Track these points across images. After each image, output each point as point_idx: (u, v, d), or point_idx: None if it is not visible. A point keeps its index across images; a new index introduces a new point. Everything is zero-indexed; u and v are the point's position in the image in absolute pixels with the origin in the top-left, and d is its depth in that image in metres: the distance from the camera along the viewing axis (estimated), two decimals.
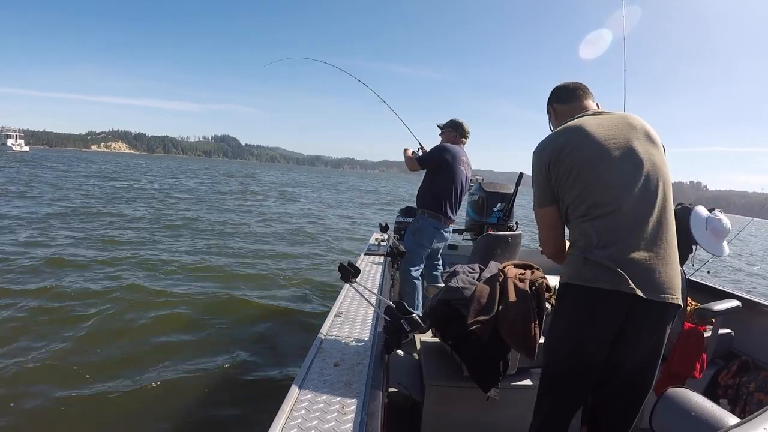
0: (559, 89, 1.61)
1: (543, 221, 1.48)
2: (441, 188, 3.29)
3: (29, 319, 3.90)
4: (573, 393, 1.37)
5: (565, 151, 1.35)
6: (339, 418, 1.12)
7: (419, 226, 3.32)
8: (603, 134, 1.34)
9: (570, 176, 1.34)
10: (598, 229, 1.28)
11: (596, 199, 1.30)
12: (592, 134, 1.34)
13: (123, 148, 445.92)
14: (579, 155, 1.33)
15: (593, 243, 1.28)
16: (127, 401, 2.83)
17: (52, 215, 9.78)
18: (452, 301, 1.93)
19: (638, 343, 1.28)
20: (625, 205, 1.28)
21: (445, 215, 3.29)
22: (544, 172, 1.40)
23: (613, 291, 1.23)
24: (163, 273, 5.80)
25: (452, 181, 3.28)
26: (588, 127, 1.36)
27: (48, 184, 17.21)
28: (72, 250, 6.60)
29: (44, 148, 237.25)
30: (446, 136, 3.45)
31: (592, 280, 1.26)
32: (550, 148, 1.39)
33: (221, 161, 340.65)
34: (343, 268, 1.64)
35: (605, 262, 1.25)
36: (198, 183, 27.41)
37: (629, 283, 1.22)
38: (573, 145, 1.35)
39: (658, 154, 1.37)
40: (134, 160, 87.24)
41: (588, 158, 1.32)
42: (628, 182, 1.30)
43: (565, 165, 1.34)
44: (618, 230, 1.27)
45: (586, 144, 1.33)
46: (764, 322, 2.54)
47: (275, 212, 14.65)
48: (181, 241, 8.19)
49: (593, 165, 1.32)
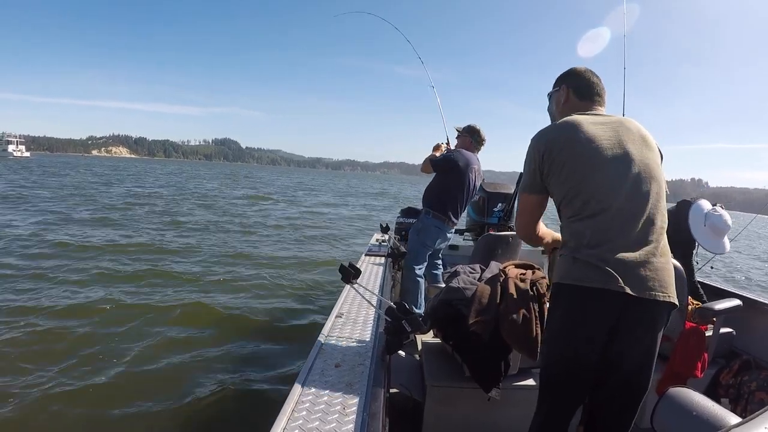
0: (580, 79, 1.52)
1: (525, 207, 1.50)
2: (448, 192, 3.31)
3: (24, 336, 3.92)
4: (570, 393, 1.37)
5: (558, 145, 1.35)
6: (340, 419, 1.12)
7: (423, 226, 3.34)
8: (598, 134, 1.34)
9: (562, 171, 1.34)
10: (589, 229, 1.29)
11: (587, 197, 1.30)
12: (587, 133, 1.34)
13: (124, 153, 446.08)
14: (572, 151, 1.33)
15: (583, 243, 1.29)
16: (126, 401, 2.83)
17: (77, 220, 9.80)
18: (453, 302, 1.93)
19: (632, 342, 1.28)
20: (616, 205, 1.28)
21: (449, 218, 3.32)
22: (537, 160, 1.40)
23: (603, 290, 1.23)
24: (168, 279, 5.81)
25: (460, 187, 3.31)
26: (584, 125, 1.36)
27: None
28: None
29: (45, 154, 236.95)
30: (461, 141, 3.46)
31: (582, 279, 1.27)
32: (546, 139, 1.39)
33: (222, 164, 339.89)
34: (344, 269, 1.65)
35: (594, 261, 1.25)
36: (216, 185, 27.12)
37: (619, 281, 1.22)
38: (567, 141, 1.35)
39: (653, 156, 1.37)
40: (143, 164, 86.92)
41: (581, 155, 1.33)
42: (619, 182, 1.30)
43: (558, 159, 1.35)
44: (608, 230, 1.27)
45: (580, 141, 1.33)
46: (765, 322, 2.54)
47: (283, 216, 14.61)
48: (186, 239, 8.21)
49: (585, 163, 1.32)
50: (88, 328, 3.87)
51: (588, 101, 1.49)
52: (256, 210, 15.76)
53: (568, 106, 1.51)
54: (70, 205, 12.70)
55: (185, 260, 6.77)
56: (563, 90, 1.53)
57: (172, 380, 3.13)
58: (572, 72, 1.54)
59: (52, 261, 6.03)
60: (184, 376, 3.21)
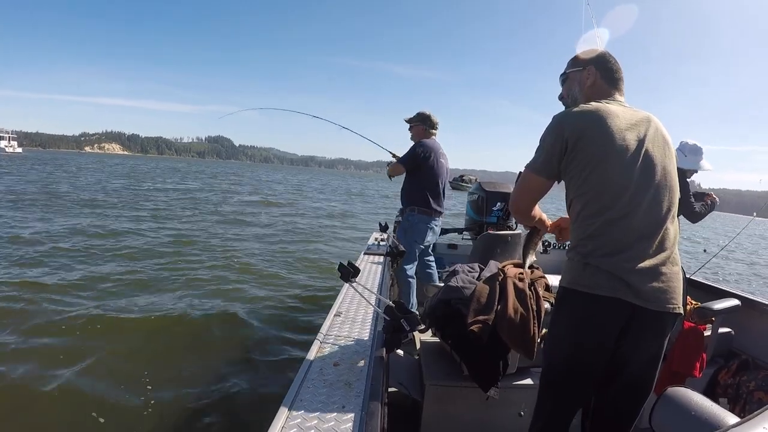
0: (608, 62, 1.39)
1: (529, 186, 1.39)
2: (425, 184, 3.33)
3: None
4: (571, 397, 1.36)
5: (591, 135, 1.23)
6: (338, 418, 1.12)
7: (410, 224, 3.34)
8: (630, 133, 1.25)
9: (588, 166, 1.24)
10: (605, 236, 1.23)
11: (609, 201, 1.23)
12: (621, 129, 1.24)
13: (117, 149, 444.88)
14: (604, 147, 1.22)
15: (597, 248, 1.24)
16: (126, 401, 2.83)
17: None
18: (452, 301, 1.93)
19: (638, 349, 1.27)
20: (636, 214, 1.23)
21: (434, 210, 3.35)
22: (561, 144, 1.26)
23: (612, 298, 1.20)
24: (168, 277, 5.80)
25: (435, 176, 3.34)
26: (619, 119, 1.25)
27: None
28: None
29: (38, 150, 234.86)
30: (416, 130, 3.45)
31: (592, 286, 1.23)
32: (579, 125, 1.25)
33: (215, 162, 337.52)
34: (342, 268, 1.64)
35: (606, 268, 1.21)
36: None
37: (630, 291, 1.19)
38: (602, 134, 1.23)
39: (672, 162, 1.32)
40: (141, 162, 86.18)
41: (611, 154, 1.22)
42: (644, 190, 1.24)
43: (588, 151, 1.23)
44: (624, 239, 1.22)
45: (613, 138, 1.23)
46: (764, 321, 2.54)
47: (284, 219, 14.62)
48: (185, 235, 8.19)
49: (615, 162, 1.23)
50: (71, 336, 3.84)
51: (614, 88, 1.38)
52: (253, 210, 15.77)
53: (594, 90, 1.38)
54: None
55: (177, 257, 6.75)
56: (590, 72, 1.39)
57: (169, 379, 3.12)
58: (601, 53, 1.41)
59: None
60: (181, 375, 3.20)
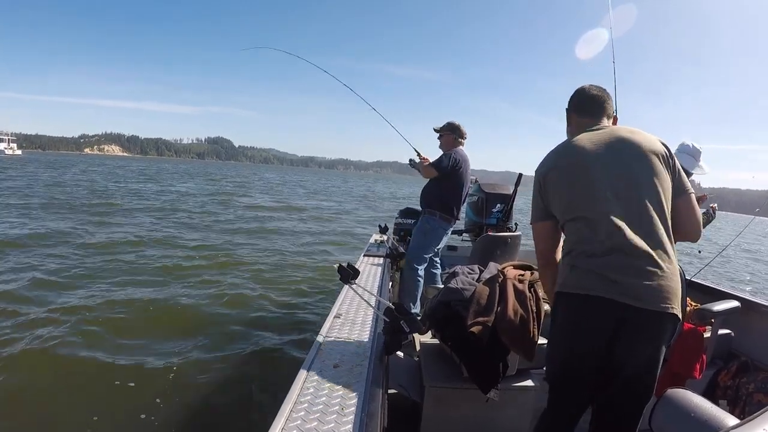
0: (580, 98, 1.57)
1: (539, 235, 1.53)
2: (451, 192, 3.38)
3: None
4: (569, 401, 1.37)
5: (556, 169, 1.43)
6: (338, 420, 1.12)
7: (431, 227, 3.36)
8: (590, 150, 1.38)
9: (558, 191, 1.41)
10: (586, 239, 1.30)
11: (582, 212, 1.34)
12: (583, 149, 1.39)
13: (116, 151, 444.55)
14: (568, 171, 1.40)
15: (583, 251, 1.30)
16: (126, 401, 2.83)
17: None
18: (452, 302, 1.93)
19: (633, 352, 1.26)
20: (611, 214, 1.28)
21: (454, 217, 3.42)
22: (536, 188, 1.48)
23: (600, 298, 1.23)
24: (162, 274, 5.80)
25: (462, 186, 3.40)
26: (581, 143, 1.42)
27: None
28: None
29: (37, 152, 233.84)
30: (445, 139, 3.48)
31: (578, 287, 1.28)
32: (545, 166, 1.47)
33: (215, 163, 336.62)
34: (342, 270, 1.64)
35: (592, 268, 1.26)
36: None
37: (616, 289, 1.21)
38: (563, 162, 1.42)
39: (649, 162, 1.35)
40: (147, 163, 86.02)
41: (575, 173, 1.38)
42: (613, 192, 1.31)
43: (554, 182, 1.42)
44: (606, 240, 1.26)
45: (575, 160, 1.40)
46: (764, 323, 2.54)
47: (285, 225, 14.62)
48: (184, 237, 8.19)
49: (581, 179, 1.36)
50: (77, 325, 3.85)
51: (589, 117, 1.52)
52: (253, 213, 15.75)
53: (573, 127, 1.56)
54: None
55: (176, 257, 6.75)
56: (571, 117, 1.59)
57: (169, 380, 3.12)
58: (573, 94, 1.59)
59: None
60: (180, 375, 3.20)
